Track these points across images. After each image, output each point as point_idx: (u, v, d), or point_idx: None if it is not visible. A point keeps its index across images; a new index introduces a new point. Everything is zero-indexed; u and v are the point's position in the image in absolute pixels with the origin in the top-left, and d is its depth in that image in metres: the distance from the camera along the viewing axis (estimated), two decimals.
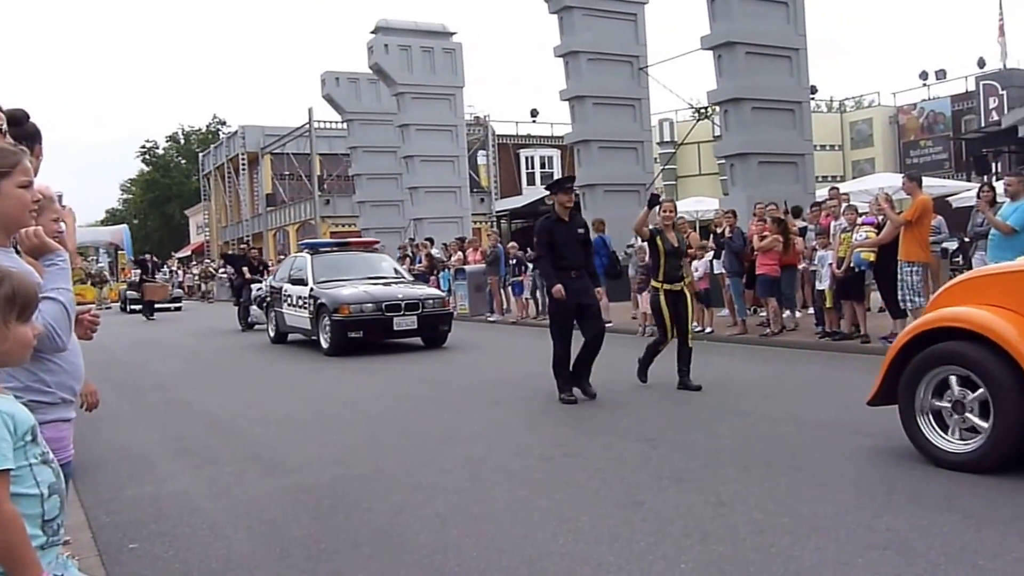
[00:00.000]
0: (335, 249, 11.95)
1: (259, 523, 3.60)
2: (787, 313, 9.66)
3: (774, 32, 13.79)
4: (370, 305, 9.68)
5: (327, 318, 9.71)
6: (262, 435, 5.49)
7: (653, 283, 6.67)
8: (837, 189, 11.23)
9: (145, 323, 17.67)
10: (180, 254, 41.04)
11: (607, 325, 11.13)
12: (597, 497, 3.74)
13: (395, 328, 9.65)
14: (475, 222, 26.69)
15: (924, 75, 29.23)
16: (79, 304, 2.32)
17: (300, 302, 10.55)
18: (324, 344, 9.82)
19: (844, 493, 3.60)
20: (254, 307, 13.59)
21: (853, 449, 4.35)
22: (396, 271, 11.74)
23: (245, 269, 14.98)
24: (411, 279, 11.84)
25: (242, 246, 17.65)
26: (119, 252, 31.35)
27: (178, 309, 22.12)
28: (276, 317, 11.57)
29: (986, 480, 3.67)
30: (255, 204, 37.15)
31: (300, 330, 10.76)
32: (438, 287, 16.94)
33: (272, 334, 11.81)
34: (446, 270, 15.82)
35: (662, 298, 6.52)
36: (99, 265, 28.41)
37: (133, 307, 20.82)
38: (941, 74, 28.88)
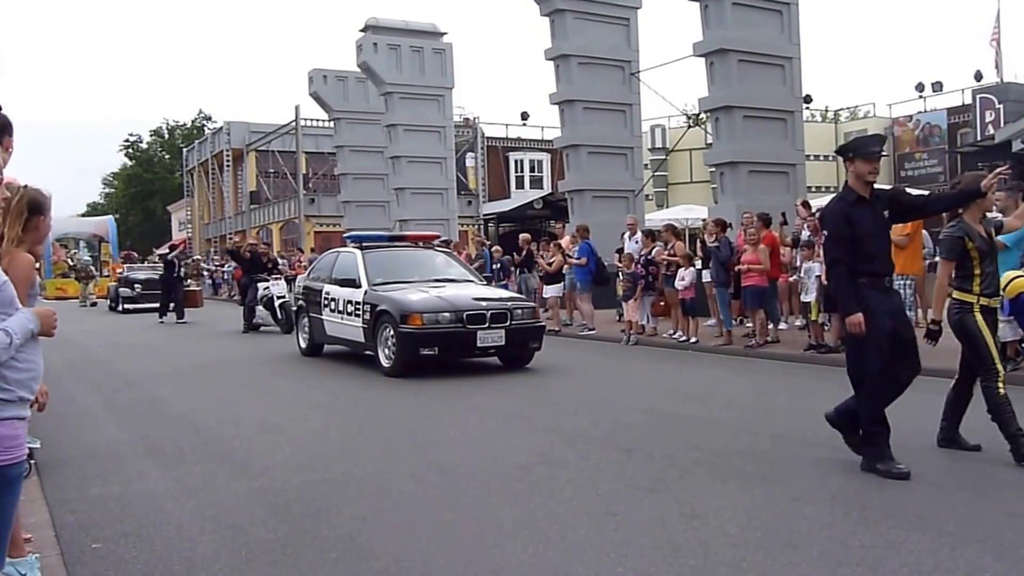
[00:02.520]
0: (388, 244, 10.00)
1: (225, 526, 3.59)
2: (770, 325, 9.73)
3: (768, 40, 13.92)
4: (448, 315, 7.74)
5: (390, 329, 7.87)
6: (233, 437, 5.46)
7: (960, 296, 4.57)
8: (807, 203, 11.30)
9: (132, 323, 17.11)
10: (161, 250, 40.65)
11: (591, 332, 11.29)
12: (570, 507, 3.74)
13: (478, 345, 7.79)
14: (462, 225, 26.70)
15: (920, 87, 29.59)
16: (60, 299, 2.37)
17: (349, 308, 8.70)
18: (384, 361, 7.99)
19: (819, 508, 3.62)
20: (260, 307, 13.29)
21: (830, 464, 4.38)
22: (464, 272, 9.65)
23: (267, 263, 14.02)
24: (483, 281, 9.87)
25: (251, 241, 16.73)
26: (103, 244, 30.73)
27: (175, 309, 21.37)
28: (311, 325, 9.67)
29: (962, 499, 3.71)
30: (239, 201, 36.97)
31: (347, 342, 9.00)
32: None
33: (304, 345, 9.89)
34: None
35: (978, 317, 4.49)
36: (85, 259, 27.16)
37: (127, 306, 19.73)
38: (938, 86, 29.24)
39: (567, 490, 3.99)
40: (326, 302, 9.26)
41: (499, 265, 13.73)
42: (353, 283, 8.77)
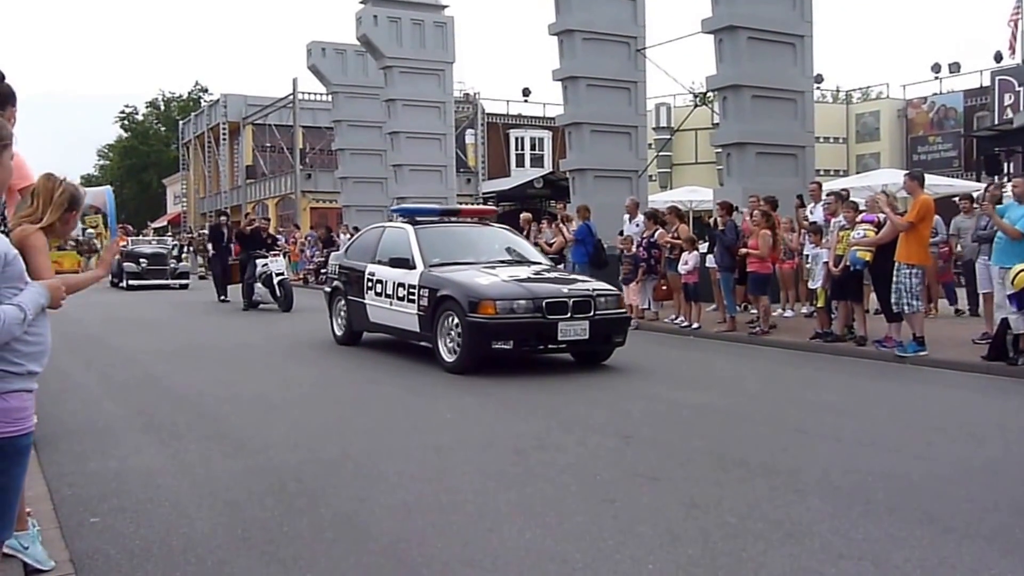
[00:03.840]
0: (443, 219, 8.89)
1: (222, 503, 3.63)
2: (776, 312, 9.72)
3: (779, 17, 13.73)
4: (525, 302, 6.77)
5: (453, 318, 6.93)
6: (230, 414, 5.50)
7: None
8: (819, 184, 11.24)
9: (133, 299, 16.78)
10: (156, 224, 40.59)
11: None
12: (567, 493, 3.75)
13: (560, 338, 6.82)
14: (460, 203, 26.57)
15: (937, 68, 29.20)
16: (57, 271, 2.48)
17: (400, 292, 7.70)
18: (446, 355, 7.01)
19: (821, 500, 3.63)
20: (258, 285, 13.17)
21: (833, 456, 4.39)
22: (532, 252, 8.67)
23: (266, 239, 13.64)
24: (549, 263, 8.59)
25: (251, 217, 16.22)
26: (100, 216, 30.29)
27: (184, 287, 19.52)
28: (350, 310, 8.70)
29: (968, 494, 3.70)
30: (234, 176, 36.79)
31: (395, 331, 8.04)
32: None
33: (339, 332, 8.94)
34: None
35: None
36: (88, 231, 26.96)
37: (132, 282, 18.71)
38: (955, 67, 28.85)
39: (565, 476, 4.00)
40: (370, 284, 8.26)
41: None
42: (405, 263, 7.73)
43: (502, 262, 7.88)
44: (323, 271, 20.64)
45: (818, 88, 25.07)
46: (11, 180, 2.51)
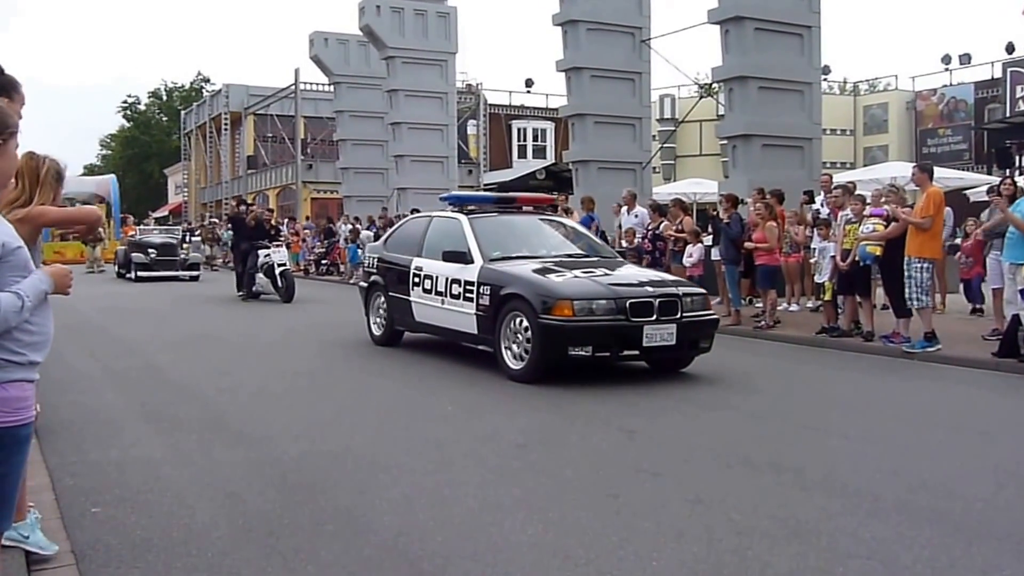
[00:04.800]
0: (497, 208, 8.02)
1: (222, 494, 3.63)
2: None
3: (786, 7, 13.62)
4: (605, 303, 6.04)
5: (521, 320, 6.21)
6: (231, 405, 5.50)
7: None
8: (829, 176, 11.18)
9: (136, 290, 16.48)
10: (157, 214, 40.61)
11: None
12: (570, 487, 3.74)
13: (644, 343, 6.07)
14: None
15: (947, 59, 28.96)
16: (57, 263, 2.50)
17: (455, 289, 6.95)
18: (511, 361, 6.28)
19: (828, 498, 3.60)
20: (260, 275, 13.10)
21: (840, 452, 4.36)
22: (602, 246, 7.99)
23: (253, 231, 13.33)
24: (615, 256, 7.80)
25: (253, 207, 15.80)
26: (103, 205, 29.85)
27: (195, 279, 18.65)
28: (391, 307, 7.97)
29: (979, 493, 3.67)
30: (236, 166, 36.76)
31: (448, 332, 7.25)
32: None
33: (378, 332, 8.23)
34: None
35: None
36: None
37: (141, 274, 18.02)
38: (965, 58, 28.60)
39: (567, 470, 3.99)
40: (416, 280, 7.51)
41: None
42: (460, 257, 6.96)
43: (569, 256, 7.16)
44: (323, 262, 20.72)
45: (825, 80, 24.86)
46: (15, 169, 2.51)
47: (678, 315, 6.21)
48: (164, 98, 52.75)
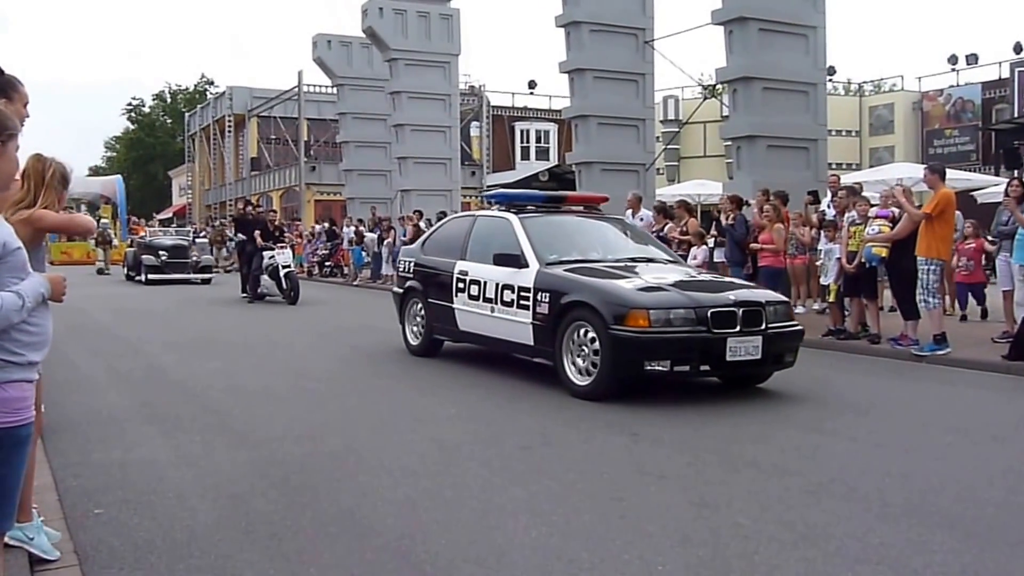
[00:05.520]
0: (548, 208, 7.43)
1: (225, 496, 3.63)
2: None
3: (790, 8, 13.59)
4: (684, 312, 5.52)
5: (587, 330, 5.69)
6: (234, 406, 5.50)
7: None
8: (837, 177, 11.15)
9: (141, 292, 16.36)
10: (161, 216, 40.76)
11: None
12: (574, 490, 3.72)
13: (728, 357, 5.54)
14: (465, 196, 26.54)
15: (953, 59, 28.85)
16: (64, 264, 2.47)
17: (507, 296, 6.44)
18: (575, 377, 5.78)
19: (836, 502, 3.57)
20: (265, 277, 13.07)
21: (848, 456, 4.33)
22: (664, 250, 7.47)
23: (258, 234, 13.25)
24: (678, 259, 7.40)
25: (258, 208, 15.70)
26: (108, 206, 29.55)
27: (206, 282, 18.16)
28: (431, 315, 7.40)
29: (992, 498, 3.64)
30: (239, 168, 36.86)
31: (499, 342, 6.69)
32: None
33: (414, 342, 7.68)
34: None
35: None
36: (104, 221, 24.41)
37: (152, 276, 17.64)
38: (972, 58, 28.48)
39: (571, 473, 3.97)
40: (460, 285, 6.96)
41: None
42: (513, 261, 6.43)
43: (632, 260, 6.61)
44: (327, 264, 20.73)
45: (830, 80, 24.81)
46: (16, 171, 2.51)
47: (763, 326, 5.64)
48: (168, 100, 53.17)
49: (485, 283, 6.70)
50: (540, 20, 73.54)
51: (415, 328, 7.73)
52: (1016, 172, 14.08)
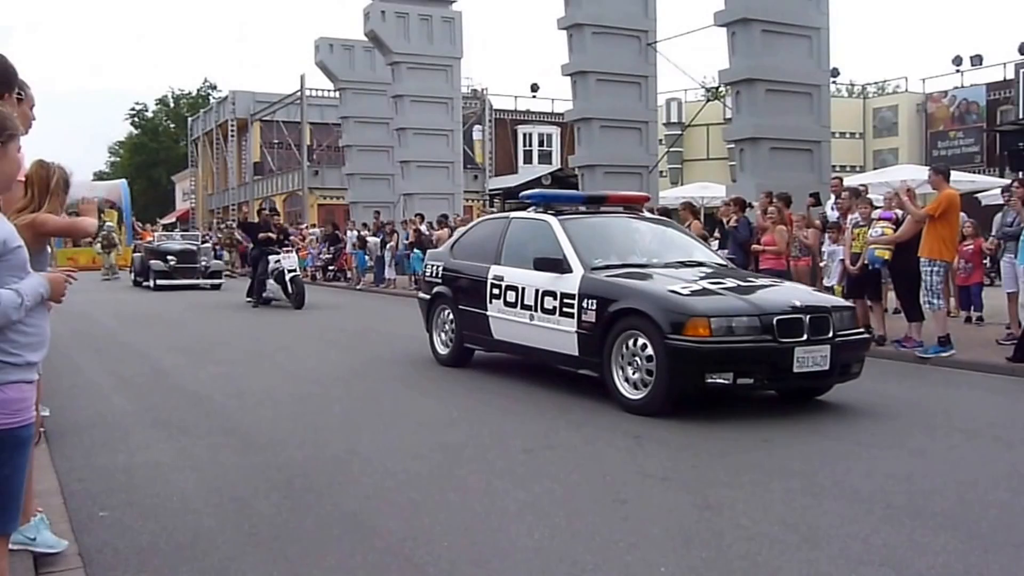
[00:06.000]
0: (589, 209, 7.00)
1: (229, 499, 3.65)
2: None
3: (793, 9, 13.60)
4: (747, 319, 5.14)
5: (640, 339, 5.29)
6: (238, 410, 5.54)
7: None
8: (840, 180, 11.14)
9: (148, 297, 16.32)
10: (165, 220, 40.91)
11: None
12: (577, 493, 3.73)
13: (796, 368, 5.12)
14: (467, 200, 26.59)
15: (958, 60, 28.79)
16: (70, 269, 2.53)
17: (549, 303, 6.04)
18: (626, 390, 5.36)
19: (839, 504, 3.57)
20: (270, 281, 13.04)
21: (851, 459, 4.32)
22: (712, 252, 7.12)
23: (270, 236, 13.23)
24: (728, 263, 7.02)
25: (264, 211, 15.57)
26: (112, 211, 29.33)
27: (216, 287, 17.85)
28: (462, 323, 7.00)
29: (996, 499, 3.63)
30: (242, 172, 36.98)
31: (538, 352, 6.28)
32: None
33: (443, 351, 7.28)
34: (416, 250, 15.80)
35: None
36: (108, 224, 23.81)
37: (160, 282, 17.33)
38: (977, 60, 28.44)
39: (574, 475, 3.98)
40: (495, 292, 6.57)
41: None
42: (556, 265, 6.04)
43: (681, 263, 6.22)
44: (331, 268, 20.78)
45: (834, 82, 24.81)
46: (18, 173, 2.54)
47: (830, 334, 5.24)
48: (171, 105, 53.40)
49: (523, 289, 6.31)
50: (542, 23, 73.76)
51: (444, 336, 7.32)
52: (1021, 173, 14.04)
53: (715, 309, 5.17)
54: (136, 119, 53.58)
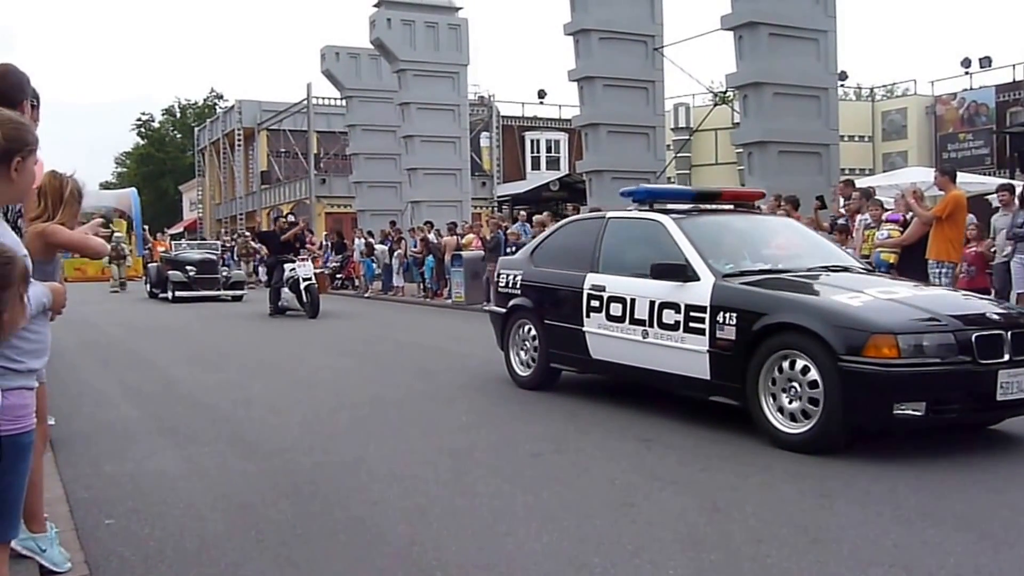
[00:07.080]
0: (701, 207, 6.15)
1: (236, 506, 3.66)
2: None
3: (801, 12, 13.62)
4: (939, 337, 4.25)
5: (801, 362, 4.41)
6: (245, 417, 5.55)
7: None
8: (852, 182, 11.09)
9: (157, 307, 16.08)
10: (173, 230, 41.19)
11: None
12: (585, 496, 3.72)
13: (999, 397, 4.24)
14: (475, 207, 26.65)
15: (967, 62, 28.71)
16: (78, 281, 2.54)
17: (668, 316, 5.15)
18: (778, 422, 4.50)
19: (849, 505, 3.55)
20: (285, 289, 12.90)
21: (861, 461, 4.29)
22: (843, 253, 6.09)
23: (295, 232, 13.12)
24: (872, 269, 6.40)
25: (280, 219, 15.39)
26: (122, 220, 29.19)
27: (238, 299, 17.19)
28: (551, 341, 6.09)
29: (1008, 499, 3.61)
30: (250, 181, 37.20)
31: (659, 376, 5.36)
32: (423, 274, 16.85)
33: (523, 373, 6.38)
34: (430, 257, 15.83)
35: None
36: (117, 235, 23.22)
37: (179, 293, 16.69)
38: (986, 61, 28.36)
39: (582, 479, 3.98)
40: (594, 304, 5.68)
41: (514, 248, 13.65)
42: (676, 272, 5.13)
43: (826, 269, 5.31)
44: (339, 276, 20.81)
45: (842, 86, 24.76)
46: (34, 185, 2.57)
47: None
48: (178, 115, 53.80)
49: (633, 301, 5.37)
50: (549, 29, 74.01)
51: (524, 355, 6.38)
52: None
53: (902, 325, 4.27)
54: (142, 129, 54.00)
